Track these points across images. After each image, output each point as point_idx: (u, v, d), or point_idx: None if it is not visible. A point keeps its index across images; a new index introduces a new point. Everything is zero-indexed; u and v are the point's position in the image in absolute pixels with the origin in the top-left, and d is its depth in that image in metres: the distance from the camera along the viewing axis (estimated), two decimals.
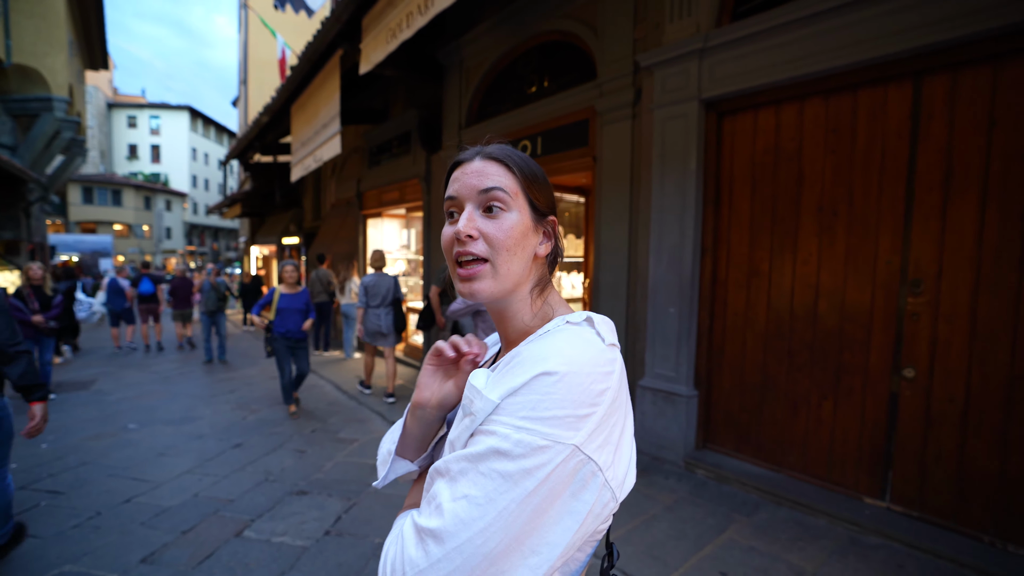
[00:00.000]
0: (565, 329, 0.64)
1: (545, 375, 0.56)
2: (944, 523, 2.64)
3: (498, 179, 0.69)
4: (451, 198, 0.72)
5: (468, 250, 0.69)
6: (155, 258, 37.20)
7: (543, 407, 0.55)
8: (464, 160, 0.74)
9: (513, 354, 0.63)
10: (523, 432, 0.54)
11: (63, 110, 10.76)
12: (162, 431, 4.70)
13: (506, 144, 0.77)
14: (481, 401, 0.59)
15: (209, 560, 2.63)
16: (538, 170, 0.75)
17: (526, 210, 0.71)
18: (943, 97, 2.61)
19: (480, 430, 0.58)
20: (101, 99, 38.15)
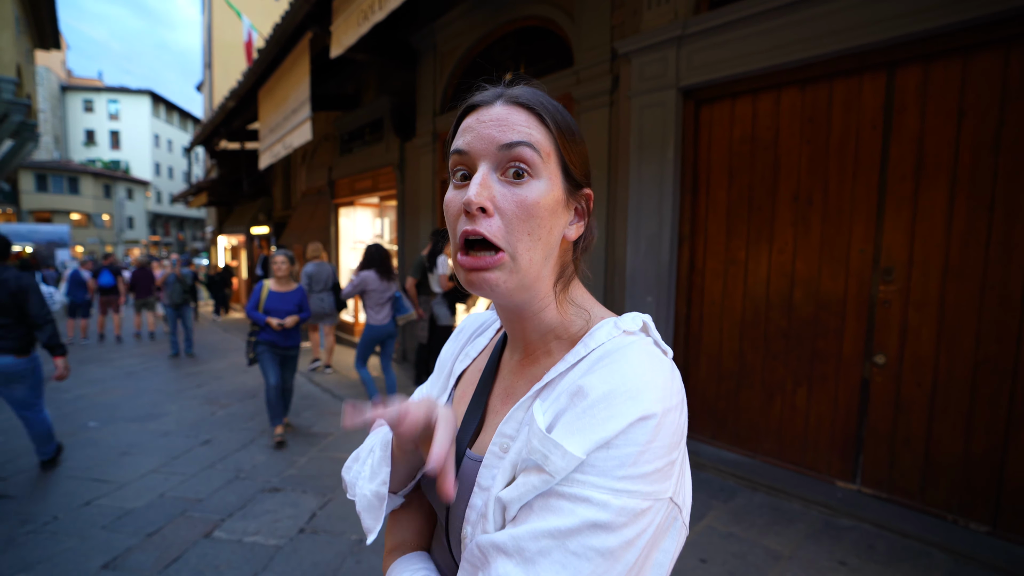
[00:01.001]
0: (633, 346, 0.51)
1: (644, 420, 0.45)
2: (912, 504, 2.72)
3: (526, 131, 0.53)
4: (460, 152, 0.55)
5: (478, 229, 0.51)
6: (117, 248, 35.76)
7: (644, 461, 0.44)
8: (481, 103, 0.56)
9: (577, 386, 0.49)
10: (624, 496, 0.43)
11: (11, 91, 10.14)
12: (125, 429, 4.50)
13: (533, 86, 0.58)
14: (561, 457, 0.45)
15: (177, 563, 2.52)
16: (574, 125, 0.58)
17: (558, 178, 0.55)
18: (915, 88, 2.64)
19: (561, 493, 0.45)
20: (54, 81, 36.20)
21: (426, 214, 6.09)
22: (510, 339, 0.66)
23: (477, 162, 0.54)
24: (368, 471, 0.64)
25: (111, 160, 39.99)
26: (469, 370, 0.73)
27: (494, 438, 0.54)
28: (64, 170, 32.99)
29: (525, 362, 0.62)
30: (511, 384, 0.62)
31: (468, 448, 0.60)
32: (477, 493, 0.53)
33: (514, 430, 0.54)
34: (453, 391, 0.72)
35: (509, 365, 0.64)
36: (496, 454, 0.53)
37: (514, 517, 0.47)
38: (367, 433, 0.78)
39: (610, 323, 0.56)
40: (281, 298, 4.18)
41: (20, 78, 11.11)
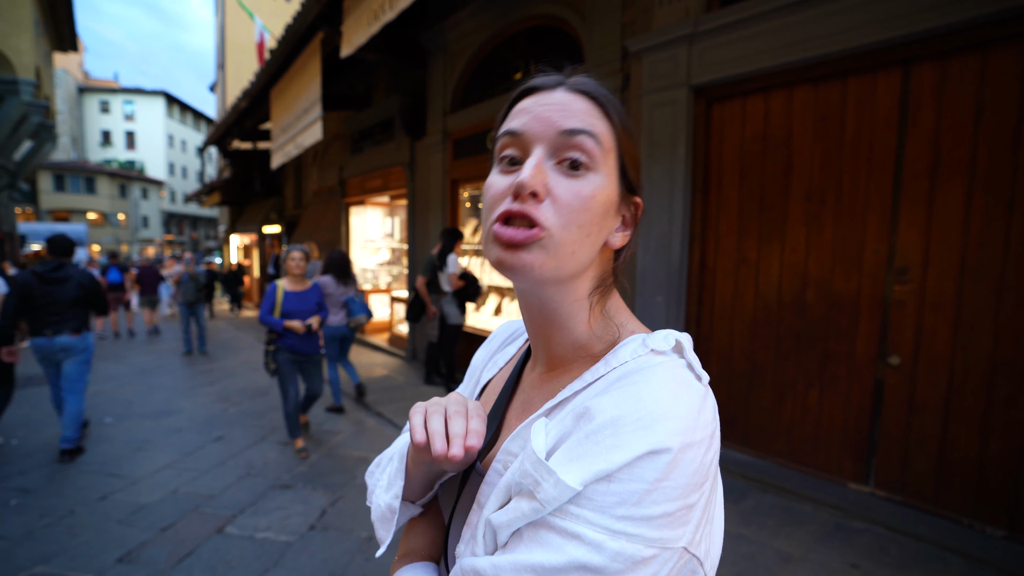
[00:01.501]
0: (658, 367, 0.46)
1: (654, 455, 0.39)
2: (926, 507, 2.68)
3: (589, 121, 0.49)
4: (512, 133, 0.50)
5: (526, 210, 0.47)
6: (132, 247, 36.31)
7: (650, 501, 0.39)
8: (540, 87, 0.52)
9: (584, 407, 0.44)
10: (622, 539, 0.38)
11: (30, 93, 10.34)
12: (140, 425, 4.58)
13: (594, 78, 0.54)
14: (554, 485, 0.40)
15: (189, 558, 2.56)
16: (631, 124, 0.54)
17: (614, 177, 0.51)
18: (932, 85, 2.60)
19: (551, 525, 0.40)
20: (71, 83, 36.83)
21: (436, 213, 6.10)
22: (533, 350, 0.61)
23: (531, 145, 0.49)
24: (386, 480, 0.62)
25: (126, 160, 40.62)
26: (495, 380, 0.70)
27: (498, 455, 0.51)
28: (81, 170, 33.57)
29: (545, 376, 0.58)
30: (529, 399, 0.59)
31: (478, 462, 0.58)
32: (474, 511, 0.50)
33: (518, 448, 0.49)
34: (478, 400, 0.69)
35: (530, 378, 0.61)
36: (497, 472, 0.50)
37: (505, 544, 0.44)
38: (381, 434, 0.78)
39: (638, 340, 0.50)
40: (299, 298, 3.83)
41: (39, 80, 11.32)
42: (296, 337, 3.80)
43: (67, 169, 32.74)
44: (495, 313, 5.97)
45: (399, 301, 7.54)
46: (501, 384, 0.67)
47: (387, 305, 8.29)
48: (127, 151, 41.57)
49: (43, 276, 3.65)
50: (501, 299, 5.99)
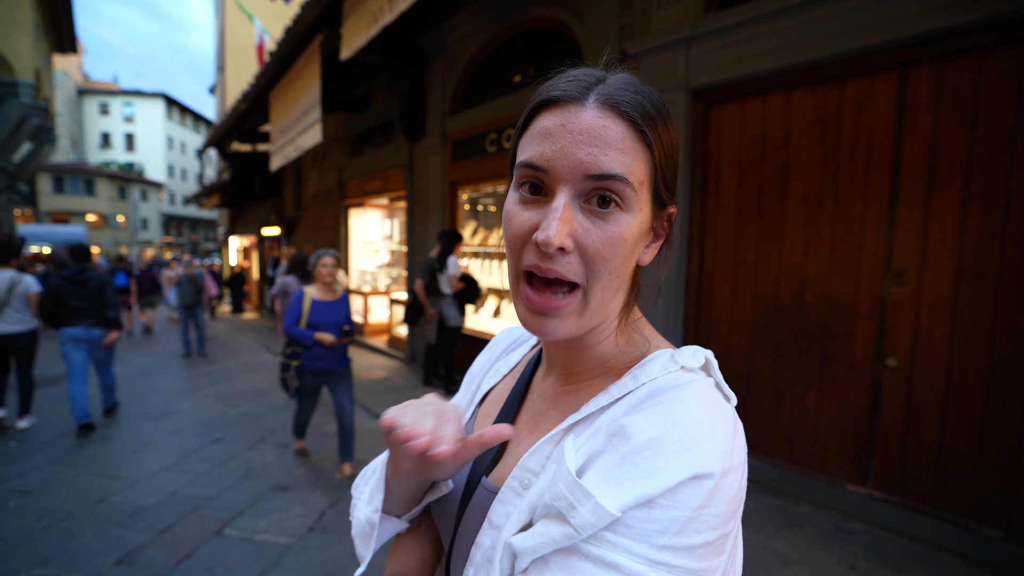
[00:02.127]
0: (691, 385, 0.43)
1: (698, 480, 0.37)
2: (923, 508, 2.68)
3: (623, 160, 0.43)
4: (533, 167, 0.45)
5: (554, 269, 0.44)
6: (131, 249, 36.27)
7: (693, 530, 0.36)
8: (566, 99, 0.45)
9: (619, 425, 0.41)
10: (663, 571, 0.36)
11: (30, 95, 10.34)
12: (138, 427, 4.57)
13: (630, 72, 0.48)
14: (592, 511, 0.37)
15: (188, 560, 2.56)
16: (671, 123, 0.47)
17: (648, 206, 0.46)
18: (929, 88, 2.61)
19: (586, 553, 0.38)
20: (71, 85, 36.84)
21: (435, 215, 6.11)
22: (547, 360, 0.58)
23: (555, 185, 0.44)
24: (367, 493, 0.59)
25: (126, 162, 40.63)
26: (497, 388, 0.67)
27: (514, 471, 0.47)
28: (81, 172, 33.57)
29: (561, 388, 0.55)
30: (541, 411, 0.55)
31: (484, 476, 0.54)
32: (486, 531, 0.47)
33: (539, 465, 0.46)
34: (478, 409, 0.66)
35: (540, 388, 0.58)
36: (514, 489, 0.47)
37: (525, 569, 0.41)
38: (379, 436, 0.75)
39: (666, 355, 0.48)
40: (330, 309, 3.38)
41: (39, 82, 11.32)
42: (324, 352, 3.35)
43: (67, 171, 32.74)
44: (494, 315, 5.97)
45: (398, 303, 7.54)
46: (505, 392, 0.64)
47: (386, 307, 8.29)
48: (126, 153, 41.59)
49: (71, 279, 4.26)
50: (500, 301, 5.99)
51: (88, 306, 4.30)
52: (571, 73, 0.48)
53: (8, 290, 4.28)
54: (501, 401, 0.63)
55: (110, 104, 41.05)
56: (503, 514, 0.46)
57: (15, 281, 4.33)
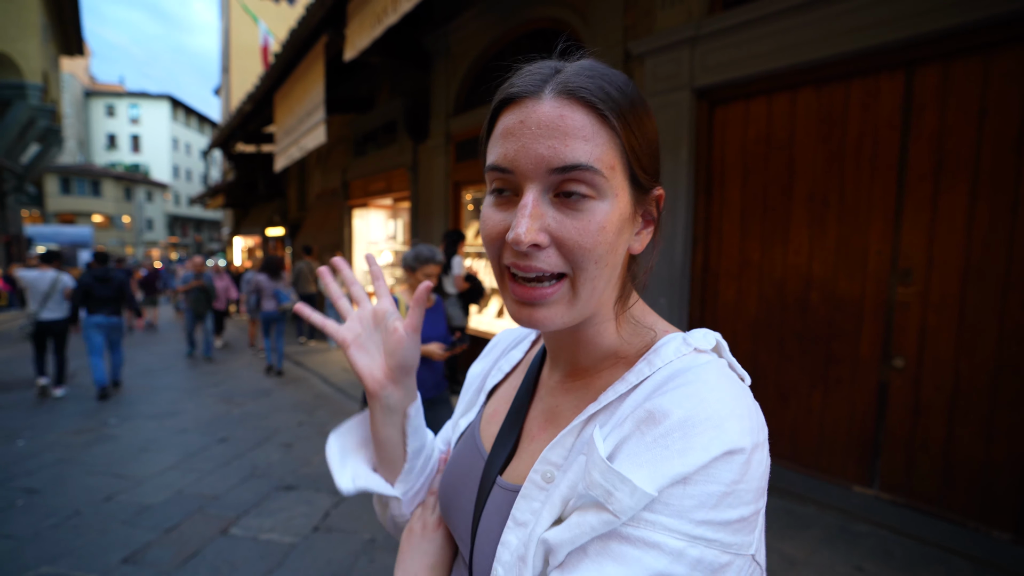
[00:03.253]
0: (707, 366, 0.44)
1: (731, 456, 0.37)
2: (930, 510, 2.67)
3: (585, 147, 0.41)
4: (501, 169, 0.44)
5: (533, 265, 0.44)
6: (137, 250, 36.49)
7: (728, 504, 0.36)
8: (523, 95, 0.44)
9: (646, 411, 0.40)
10: (701, 545, 0.36)
11: (37, 97, 10.43)
12: (144, 426, 4.60)
13: (591, 57, 0.47)
14: (630, 494, 0.37)
15: (194, 559, 2.57)
16: (642, 107, 0.46)
17: (625, 190, 0.45)
18: (935, 87, 2.60)
19: (625, 536, 0.37)
20: (77, 87, 37.11)
21: (439, 216, 6.12)
22: (551, 356, 0.57)
23: (523, 183, 0.43)
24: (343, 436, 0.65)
25: (132, 163, 40.89)
26: (502, 386, 0.66)
27: (536, 465, 0.47)
28: (87, 173, 33.80)
29: (570, 382, 0.54)
30: (553, 406, 0.55)
31: (499, 475, 0.54)
32: (512, 529, 0.45)
33: (561, 458, 0.46)
34: (483, 408, 0.66)
35: (548, 384, 0.57)
36: (537, 484, 0.46)
37: (561, 563, 0.40)
38: None
39: (678, 339, 0.48)
40: (428, 319, 2.74)
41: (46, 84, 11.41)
42: (426, 374, 2.67)
43: (73, 172, 32.97)
44: (498, 315, 5.98)
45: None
46: (511, 390, 0.63)
47: None
48: (132, 154, 41.84)
49: (97, 277, 5.44)
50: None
51: (110, 298, 5.47)
52: (527, 68, 0.47)
53: (52, 285, 5.41)
54: (507, 399, 0.62)
55: (116, 106, 41.32)
56: (528, 510, 0.45)
57: (56, 279, 5.45)
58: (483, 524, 0.52)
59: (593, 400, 0.49)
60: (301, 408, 5.13)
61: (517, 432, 0.56)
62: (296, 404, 5.26)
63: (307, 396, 5.58)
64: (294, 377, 6.43)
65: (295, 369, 6.93)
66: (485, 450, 0.58)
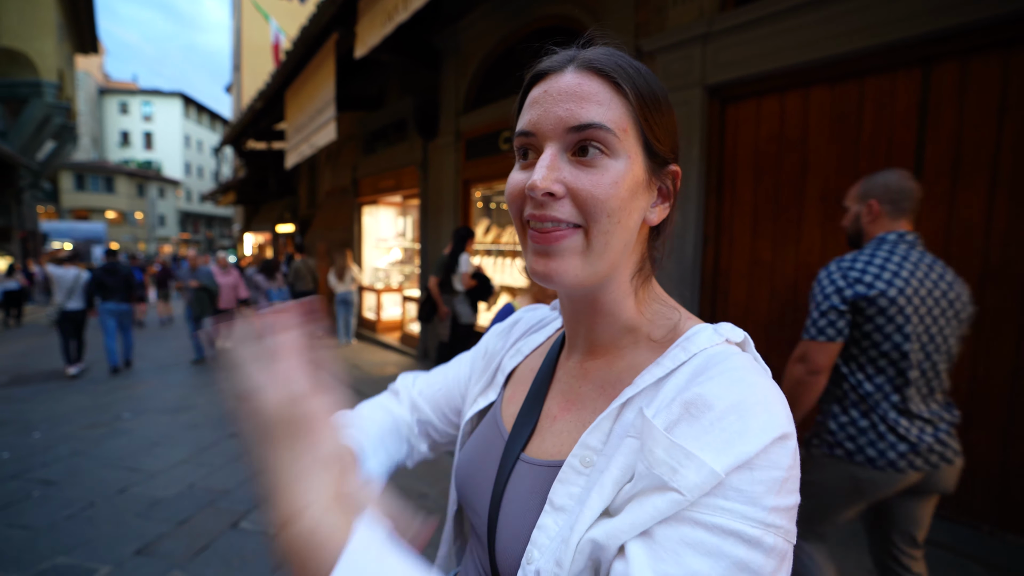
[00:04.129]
0: (741, 356, 0.45)
1: (784, 440, 0.38)
2: (945, 513, 2.63)
3: (599, 110, 0.45)
4: (525, 134, 0.48)
5: (548, 214, 0.46)
6: (149, 245, 36.93)
7: (787, 490, 0.37)
8: (549, 71, 0.49)
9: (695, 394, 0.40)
10: (773, 533, 0.36)
11: (53, 95, 10.57)
12: (156, 420, 4.66)
13: (612, 46, 0.50)
14: (696, 470, 0.36)
15: (206, 552, 2.60)
16: (660, 89, 0.49)
17: (639, 155, 0.47)
18: (952, 84, 2.55)
19: (700, 522, 0.36)
20: (92, 85, 37.57)
21: (448, 213, 6.13)
22: (569, 337, 0.58)
23: (543, 143, 0.47)
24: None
25: (144, 160, 41.37)
26: (520, 368, 0.66)
27: (576, 449, 0.46)
28: (101, 170, 34.25)
29: (589, 362, 0.55)
30: (572, 387, 0.55)
31: (523, 452, 0.54)
32: (549, 513, 0.45)
33: (600, 442, 0.46)
34: (503, 391, 0.66)
35: (567, 366, 0.58)
36: (575, 468, 0.45)
37: (625, 552, 0.38)
38: None
39: (708, 329, 0.49)
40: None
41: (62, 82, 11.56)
42: None
43: (87, 169, 33.43)
44: None
45: (411, 300, 7.58)
46: (529, 373, 0.63)
47: (399, 304, 8.34)
48: (145, 151, 42.33)
49: (107, 270, 6.36)
50: (513, 299, 5.99)
51: (118, 287, 6.35)
52: (555, 50, 0.52)
53: (74, 281, 6.33)
54: (526, 382, 0.62)
55: (129, 103, 41.80)
56: (566, 495, 0.45)
57: (78, 275, 6.36)
58: (506, 500, 0.51)
59: (616, 381, 0.51)
60: None
61: (537, 412, 0.57)
62: None
63: None
64: None
65: None
66: (506, 430, 0.59)
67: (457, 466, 0.64)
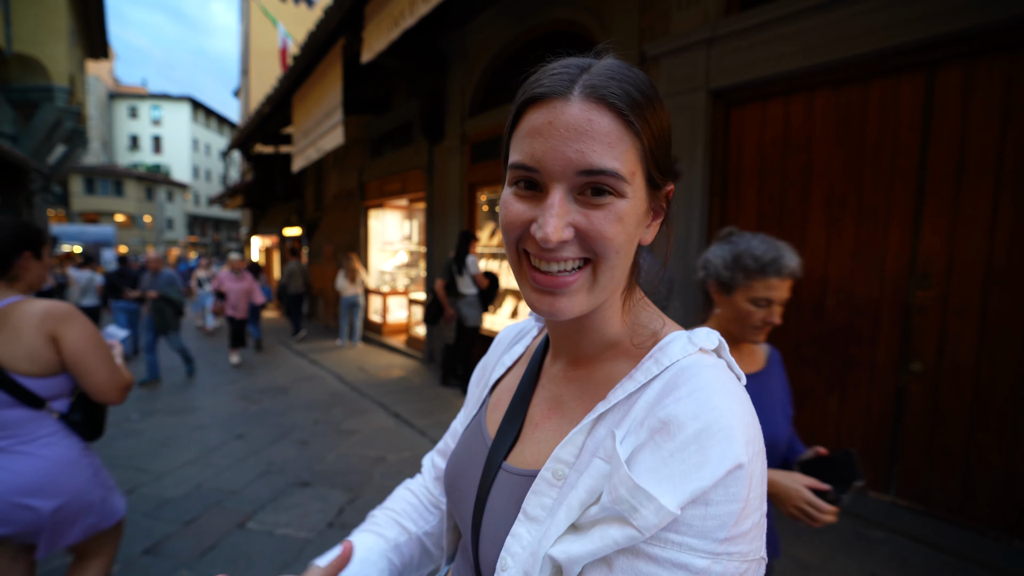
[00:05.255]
0: (711, 368, 0.45)
1: (740, 469, 0.39)
2: (949, 517, 2.62)
3: (612, 153, 0.43)
4: (525, 168, 0.45)
5: (556, 256, 0.46)
6: (158, 248, 37.24)
7: (744, 517, 0.39)
8: (551, 95, 0.44)
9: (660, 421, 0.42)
10: (724, 560, 0.38)
11: (64, 100, 10.71)
12: (165, 422, 4.70)
13: (623, 64, 0.47)
14: (655, 512, 0.38)
15: (212, 552, 2.63)
16: (666, 116, 0.48)
17: (643, 190, 0.47)
18: (957, 88, 2.56)
19: (652, 556, 0.39)
20: (102, 89, 38.00)
21: (454, 216, 6.16)
22: (554, 345, 0.59)
23: (549, 183, 0.45)
24: None
25: (153, 164, 41.73)
26: (506, 378, 0.68)
27: (548, 462, 0.48)
28: (110, 174, 34.58)
29: (572, 371, 0.56)
30: (556, 393, 0.56)
31: (504, 460, 0.55)
32: (523, 522, 0.47)
33: (572, 456, 0.47)
34: (488, 398, 0.67)
35: (551, 372, 0.59)
36: (548, 480, 0.47)
37: (580, 573, 0.42)
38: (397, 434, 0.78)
39: (683, 337, 0.48)
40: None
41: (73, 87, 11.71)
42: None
43: (97, 173, 33.76)
44: (512, 316, 5.99)
45: (416, 303, 7.61)
46: (514, 381, 0.64)
47: (404, 307, 8.37)
48: (154, 155, 42.71)
49: (119, 274, 7.21)
50: (517, 302, 6.01)
51: (127, 288, 7.00)
52: (554, 67, 0.47)
53: (88, 282, 7.61)
54: (511, 389, 0.63)
55: (139, 107, 42.21)
56: (539, 505, 0.47)
57: (91, 277, 7.64)
58: (489, 507, 0.53)
59: (595, 391, 0.51)
60: (316, 406, 5.20)
61: (521, 419, 0.57)
62: (311, 402, 5.33)
63: (322, 394, 5.65)
64: (310, 375, 6.52)
65: (311, 367, 7.02)
66: (489, 437, 0.60)
67: (444, 472, 0.66)
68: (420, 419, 4.61)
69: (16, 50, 9.87)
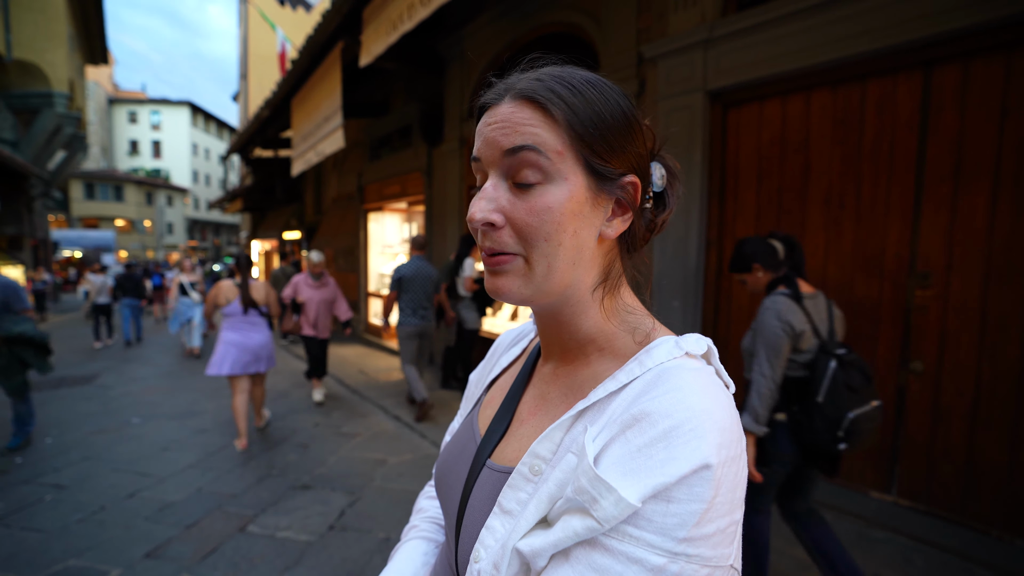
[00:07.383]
0: (694, 372, 0.45)
1: (706, 469, 0.38)
2: (952, 517, 2.62)
3: (530, 133, 0.46)
4: (475, 160, 0.51)
5: (487, 245, 0.49)
6: (157, 253, 37.27)
7: (708, 520, 0.38)
8: (490, 103, 0.51)
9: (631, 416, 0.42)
10: (682, 561, 0.37)
11: (64, 105, 10.73)
12: (165, 425, 4.70)
13: (562, 67, 0.51)
14: (614, 504, 0.38)
15: (213, 555, 2.63)
16: (607, 106, 0.48)
17: (578, 176, 0.47)
18: (954, 87, 2.56)
19: (608, 547, 0.39)
20: (102, 94, 38.08)
21: (453, 219, 6.17)
22: (544, 345, 0.60)
23: (488, 171, 0.50)
24: None
25: (153, 168, 41.77)
26: (501, 378, 0.69)
27: (525, 457, 0.48)
28: (110, 178, 34.61)
29: (560, 370, 0.56)
30: (543, 391, 0.57)
31: (489, 457, 0.56)
32: (497, 515, 0.48)
33: (550, 452, 0.47)
34: (482, 397, 0.69)
35: (542, 372, 0.60)
36: (524, 475, 0.47)
37: (545, 568, 0.42)
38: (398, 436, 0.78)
39: (670, 342, 0.49)
40: None
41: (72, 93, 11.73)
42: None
43: (97, 178, 33.79)
44: (511, 318, 6.00)
45: None
46: (510, 380, 0.66)
47: None
48: (153, 160, 42.75)
49: (125, 276, 9.27)
50: (517, 306, 6.01)
51: (132, 288, 9.20)
52: (498, 82, 0.53)
53: (103, 284, 9.32)
54: (504, 388, 0.65)
55: (138, 112, 42.28)
56: (513, 499, 0.47)
57: (104, 280, 9.40)
58: (471, 504, 0.54)
59: (579, 389, 0.52)
60: (317, 410, 5.20)
61: (509, 417, 0.58)
62: (312, 406, 5.33)
63: (324, 399, 5.65)
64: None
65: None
66: (480, 434, 0.61)
67: (435, 468, 0.67)
68: (420, 422, 4.61)
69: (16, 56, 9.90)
